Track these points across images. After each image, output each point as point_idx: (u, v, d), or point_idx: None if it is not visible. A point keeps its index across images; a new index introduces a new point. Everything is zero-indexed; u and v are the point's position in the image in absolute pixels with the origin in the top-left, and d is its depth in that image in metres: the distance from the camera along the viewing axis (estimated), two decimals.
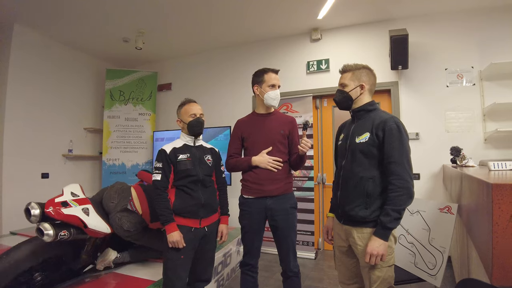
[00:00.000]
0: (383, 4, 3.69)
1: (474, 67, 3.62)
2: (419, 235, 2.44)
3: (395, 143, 1.54)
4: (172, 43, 4.86)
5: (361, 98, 1.74)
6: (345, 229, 1.72)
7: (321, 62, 4.34)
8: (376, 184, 1.59)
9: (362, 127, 1.69)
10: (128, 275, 2.45)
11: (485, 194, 1.16)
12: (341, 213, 1.74)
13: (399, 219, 1.50)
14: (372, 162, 1.61)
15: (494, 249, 1.04)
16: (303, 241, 4.03)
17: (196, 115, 2.12)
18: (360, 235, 1.62)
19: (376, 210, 1.57)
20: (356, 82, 1.73)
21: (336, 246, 1.86)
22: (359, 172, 1.63)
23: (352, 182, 1.66)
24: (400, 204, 1.49)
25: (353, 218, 1.64)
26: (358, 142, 1.66)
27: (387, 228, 1.50)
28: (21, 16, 3.86)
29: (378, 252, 1.50)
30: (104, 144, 5.01)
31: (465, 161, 2.72)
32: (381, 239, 1.51)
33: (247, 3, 3.64)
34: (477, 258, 1.59)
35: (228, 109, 4.86)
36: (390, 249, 1.58)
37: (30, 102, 4.17)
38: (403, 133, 1.56)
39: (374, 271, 1.57)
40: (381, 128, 1.58)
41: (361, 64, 1.76)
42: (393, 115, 1.65)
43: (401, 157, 1.52)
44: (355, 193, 1.63)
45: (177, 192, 2.04)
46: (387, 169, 1.55)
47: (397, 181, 1.51)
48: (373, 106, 1.74)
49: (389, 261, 1.58)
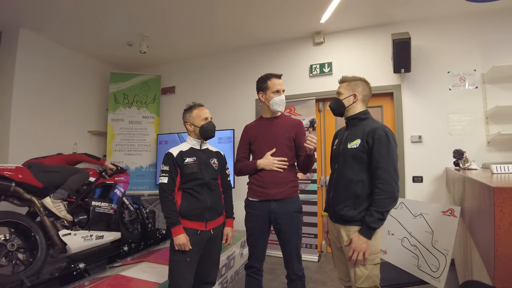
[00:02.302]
0: (386, 8, 3.72)
1: (477, 70, 3.63)
2: (422, 238, 2.44)
3: (383, 150, 1.66)
4: (175, 47, 4.90)
5: (354, 106, 1.86)
6: (336, 227, 1.85)
7: (324, 66, 4.37)
8: (364, 187, 1.71)
9: (354, 134, 1.81)
10: (133, 277, 2.47)
11: (487, 197, 1.18)
12: (332, 213, 1.88)
13: (382, 220, 1.63)
14: (362, 167, 1.74)
15: (496, 251, 1.06)
16: (306, 244, 4.04)
17: (208, 118, 2.15)
18: (348, 232, 1.74)
19: (363, 210, 1.70)
20: (350, 91, 1.86)
21: (331, 243, 1.97)
22: (350, 176, 1.76)
23: (343, 184, 1.80)
24: (384, 206, 1.62)
25: (342, 217, 1.77)
26: (349, 148, 1.79)
27: (370, 228, 1.64)
28: (27, 21, 3.91)
29: (360, 248, 1.63)
30: (108, 147, 5.05)
31: (468, 164, 2.73)
32: (364, 237, 1.64)
33: (250, 7, 3.68)
34: (479, 260, 1.60)
35: (231, 112, 4.89)
36: (375, 248, 1.69)
37: (35, 105, 4.22)
38: (391, 141, 1.68)
39: (360, 267, 1.68)
40: (371, 136, 1.70)
41: (358, 77, 1.91)
42: (384, 125, 1.77)
43: (387, 163, 1.64)
44: (345, 194, 1.77)
45: (183, 195, 2.06)
46: (374, 173, 1.68)
47: (382, 185, 1.63)
48: (365, 115, 1.86)
49: (374, 260, 1.69)
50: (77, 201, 3.10)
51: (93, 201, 3.21)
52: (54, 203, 2.79)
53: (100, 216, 3.21)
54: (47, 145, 4.32)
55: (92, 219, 3.14)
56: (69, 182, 2.99)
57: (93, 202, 3.19)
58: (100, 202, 3.25)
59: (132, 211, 3.80)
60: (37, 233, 2.67)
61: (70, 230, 2.90)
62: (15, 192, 2.67)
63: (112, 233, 3.30)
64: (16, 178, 2.66)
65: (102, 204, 3.25)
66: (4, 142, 3.93)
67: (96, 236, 3.12)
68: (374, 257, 1.69)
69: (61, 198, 2.86)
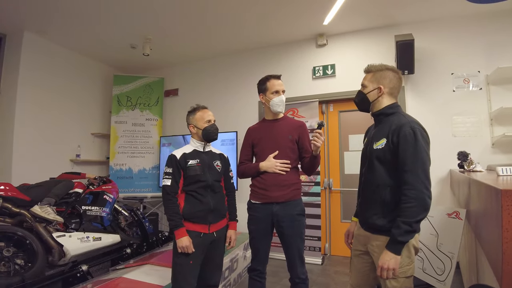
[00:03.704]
0: (389, 10, 3.71)
1: (481, 71, 3.61)
2: (427, 241, 2.43)
3: (409, 150, 1.45)
4: (178, 50, 4.92)
5: (379, 100, 1.65)
6: (366, 234, 1.67)
7: (327, 68, 4.36)
8: (393, 192, 1.51)
9: (380, 132, 1.61)
10: (136, 280, 2.47)
11: (494, 200, 1.17)
12: (362, 220, 1.72)
13: (411, 232, 1.40)
14: (389, 170, 1.54)
15: (504, 255, 1.04)
16: (310, 247, 4.01)
17: (211, 121, 2.15)
18: (378, 242, 1.56)
19: (394, 220, 1.47)
20: (375, 84, 1.66)
21: (353, 249, 1.82)
22: (376, 180, 1.58)
23: (370, 190, 1.62)
24: (412, 216, 1.39)
25: (371, 226, 1.60)
26: (375, 149, 1.59)
27: (398, 242, 1.42)
28: (31, 24, 3.94)
29: (388, 266, 1.43)
30: (112, 149, 5.06)
31: (473, 166, 2.71)
32: (392, 253, 1.43)
33: (253, 9, 3.68)
34: (486, 263, 1.59)
35: (234, 114, 4.89)
36: (408, 259, 1.50)
37: (39, 107, 4.24)
38: (419, 139, 1.46)
39: (391, 280, 1.49)
40: (396, 134, 1.50)
41: (385, 65, 1.68)
42: (413, 120, 1.55)
43: (415, 165, 1.42)
44: (373, 201, 1.59)
45: (187, 197, 2.05)
46: (401, 178, 1.46)
47: (409, 191, 1.41)
48: (393, 109, 1.64)
49: (406, 272, 1.50)
50: (68, 209, 3.13)
51: (83, 205, 3.24)
52: (42, 208, 2.82)
53: (92, 218, 3.22)
54: (50, 147, 4.34)
55: (85, 221, 3.15)
56: (54, 190, 3.04)
57: (83, 206, 3.22)
58: (91, 206, 3.27)
59: (127, 216, 3.82)
60: (32, 240, 2.68)
61: (64, 232, 2.92)
62: (4, 208, 2.70)
63: (110, 235, 3.30)
64: (4, 193, 2.71)
65: (93, 208, 3.27)
66: (8, 144, 3.94)
67: (94, 237, 3.12)
68: (406, 269, 1.49)
69: (48, 203, 2.89)
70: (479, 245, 1.86)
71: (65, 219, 3.00)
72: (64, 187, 3.15)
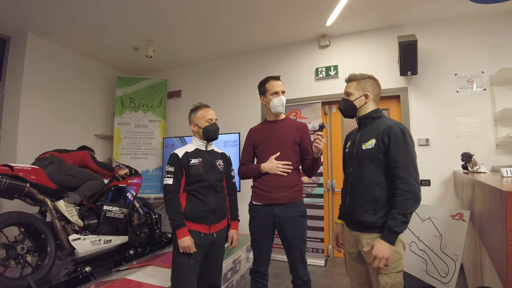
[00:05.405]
0: (392, 11, 3.70)
1: (485, 72, 3.59)
2: (430, 242, 2.42)
3: (400, 149, 1.56)
4: (181, 51, 4.93)
5: (365, 107, 1.78)
6: (354, 235, 1.73)
7: (330, 69, 4.36)
8: (383, 189, 1.61)
9: (368, 134, 1.72)
10: (139, 281, 2.47)
11: (498, 201, 1.16)
12: (350, 219, 1.77)
13: (405, 223, 1.52)
14: (379, 168, 1.64)
15: (508, 257, 1.03)
16: (313, 248, 4.00)
17: (212, 120, 2.14)
18: (369, 240, 1.63)
19: (384, 215, 1.59)
20: (361, 91, 1.77)
21: (346, 252, 1.86)
22: (367, 178, 1.66)
23: (360, 188, 1.69)
24: (407, 208, 1.50)
25: (362, 224, 1.66)
26: (364, 149, 1.69)
27: (393, 232, 1.52)
28: (35, 26, 3.96)
29: (383, 255, 1.50)
30: (115, 151, 5.08)
31: (477, 167, 2.70)
32: (387, 243, 1.52)
33: (256, 11, 3.68)
34: (490, 265, 1.57)
35: (237, 115, 4.89)
36: (398, 254, 1.59)
37: (43, 109, 4.26)
38: (408, 138, 1.59)
39: (383, 276, 1.57)
40: (386, 134, 1.61)
41: (366, 74, 1.81)
42: (398, 122, 1.67)
43: (406, 161, 1.54)
44: (363, 199, 1.66)
45: (188, 197, 2.04)
46: (393, 174, 1.57)
47: (403, 185, 1.52)
48: (378, 113, 1.77)
49: (397, 267, 1.59)
50: (89, 204, 3.11)
51: (105, 205, 3.20)
52: (67, 207, 2.81)
53: (110, 221, 3.20)
54: (54, 148, 4.34)
55: (103, 224, 3.13)
56: (84, 189, 3.02)
57: (104, 207, 3.18)
58: (111, 207, 3.24)
59: (141, 215, 3.81)
60: (47, 238, 2.66)
61: (80, 234, 2.90)
62: (29, 193, 2.69)
63: (120, 237, 3.30)
64: (31, 179, 2.68)
65: (113, 208, 3.24)
66: (12, 144, 3.97)
67: (104, 240, 3.12)
68: (397, 264, 1.59)
69: (74, 202, 2.88)
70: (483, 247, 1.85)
71: (83, 216, 3.01)
72: (94, 187, 3.15)
